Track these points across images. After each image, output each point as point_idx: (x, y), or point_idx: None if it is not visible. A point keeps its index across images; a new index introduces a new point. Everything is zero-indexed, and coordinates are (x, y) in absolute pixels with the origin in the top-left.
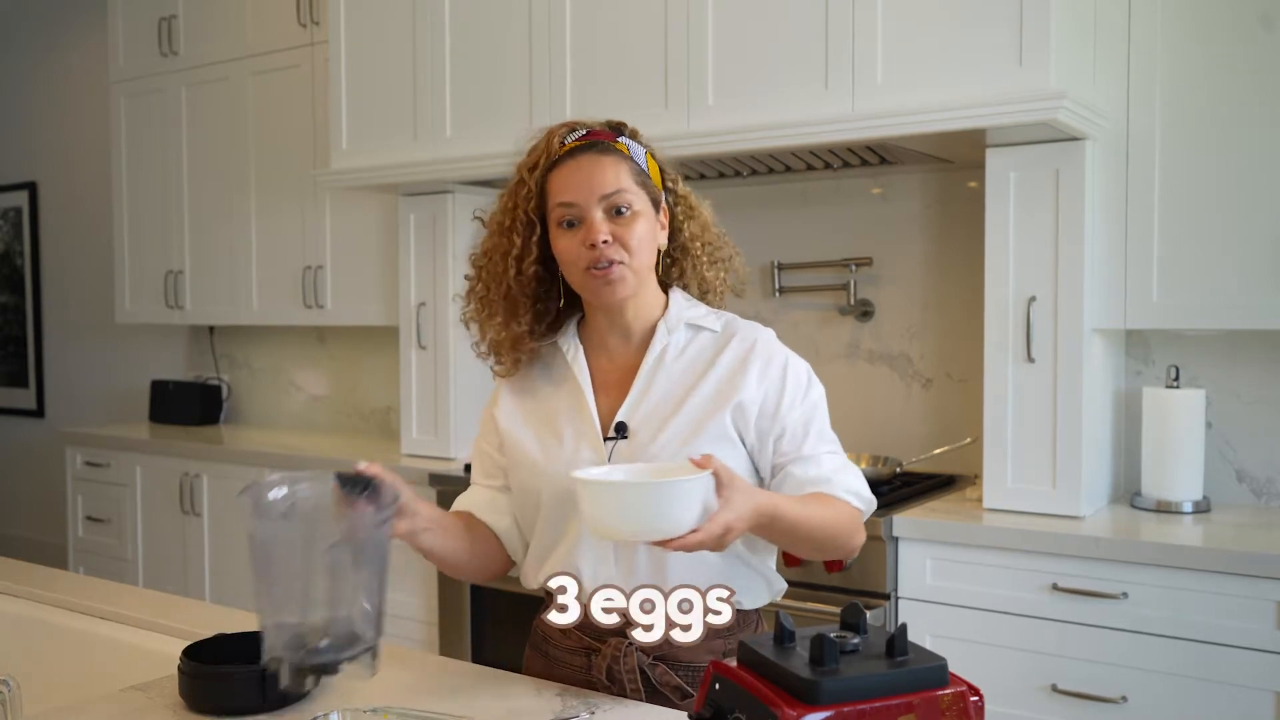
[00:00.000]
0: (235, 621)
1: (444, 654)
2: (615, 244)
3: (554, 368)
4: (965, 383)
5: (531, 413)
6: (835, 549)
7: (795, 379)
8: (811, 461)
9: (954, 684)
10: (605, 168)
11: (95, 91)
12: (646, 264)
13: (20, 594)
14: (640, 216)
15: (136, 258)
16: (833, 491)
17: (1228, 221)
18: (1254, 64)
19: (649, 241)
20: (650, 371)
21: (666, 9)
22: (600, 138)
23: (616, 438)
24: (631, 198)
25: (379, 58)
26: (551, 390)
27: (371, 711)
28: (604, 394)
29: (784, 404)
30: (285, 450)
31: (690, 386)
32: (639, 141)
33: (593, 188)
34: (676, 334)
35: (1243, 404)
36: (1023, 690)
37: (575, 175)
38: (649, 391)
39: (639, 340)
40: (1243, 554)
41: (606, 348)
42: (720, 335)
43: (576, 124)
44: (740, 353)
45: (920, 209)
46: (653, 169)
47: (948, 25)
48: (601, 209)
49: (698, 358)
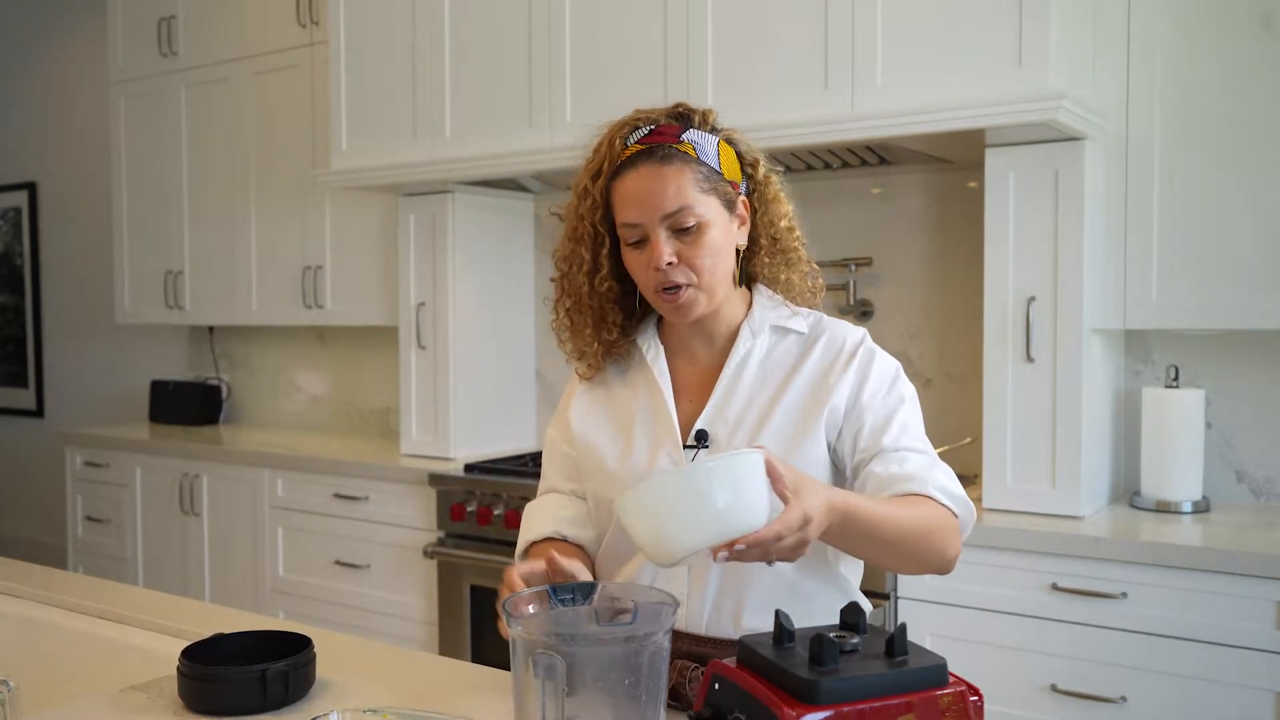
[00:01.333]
0: (235, 622)
1: (444, 654)
2: (681, 265)
3: (631, 368)
4: (965, 383)
5: (606, 416)
6: (926, 557)
7: (881, 372)
8: (894, 458)
9: (954, 684)
10: (666, 181)
11: (95, 91)
12: (722, 276)
13: (20, 594)
14: (708, 229)
15: (136, 258)
16: (921, 490)
17: (1227, 222)
18: (1254, 64)
19: (723, 252)
20: (733, 377)
21: (666, 9)
22: (662, 139)
23: (697, 446)
24: (698, 211)
25: (379, 58)
26: (628, 393)
27: (371, 712)
28: (684, 399)
29: (864, 395)
30: (285, 450)
31: (776, 393)
32: (710, 129)
33: (654, 206)
34: (761, 337)
35: (1243, 404)
36: (1022, 690)
37: (636, 190)
38: (732, 398)
39: (722, 343)
40: (1242, 554)
41: (688, 350)
42: (808, 337)
43: (640, 119)
44: (829, 354)
45: (920, 209)
46: (727, 161)
47: (947, 25)
48: (665, 228)
49: (783, 361)
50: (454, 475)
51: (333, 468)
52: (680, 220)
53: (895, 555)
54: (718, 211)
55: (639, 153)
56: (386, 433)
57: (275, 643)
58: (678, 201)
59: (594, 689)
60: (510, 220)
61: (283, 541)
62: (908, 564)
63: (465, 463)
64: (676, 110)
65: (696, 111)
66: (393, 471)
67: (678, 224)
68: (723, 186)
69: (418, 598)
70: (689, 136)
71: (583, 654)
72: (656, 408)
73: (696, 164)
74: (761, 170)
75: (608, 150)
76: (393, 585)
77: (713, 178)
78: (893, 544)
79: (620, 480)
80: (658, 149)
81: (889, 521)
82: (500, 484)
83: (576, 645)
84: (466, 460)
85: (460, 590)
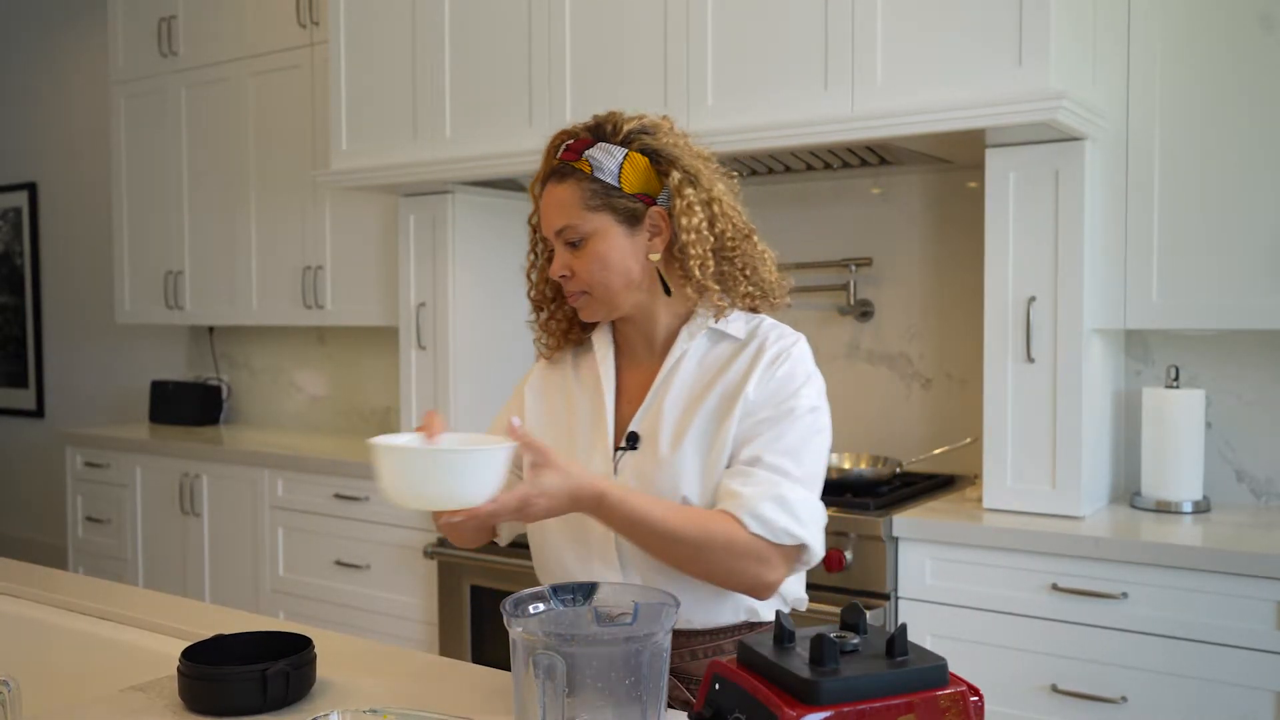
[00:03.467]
0: (235, 622)
1: (444, 654)
2: (574, 277)
3: (584, 365)
4: (965, 383)
5: (555, 411)
6: (715, 571)
7: (783, 383)
8: (741, 474)
9: (954, 684)
10: (557, 199)
11: (95, 91)
12: (617, 286)
13: (20, 594)
14: (594, 242)
15: (136, 258)
16: (733, 511)
17: (1227, 221)
18: (1253, 64)
19: (615, 265)
20: (665, 380)
21: (666, 9)
22: (569, 155)
23: (626, 448)
24: (583, 228)
25: (379, 58)
26: (578, 390)
27: (371, 712)
28: (625, 399)
29: (754, 404)
30: (285, 450)
31: (698, 397)
32: (624, 139)
33: (547, 222)
34: (697, 341)
35: (1243, 404)
36: (1023, 690)
37: (542, 206)
38: (663, 401)
39: (661, 347)
40: (1243, 554)
41: (634, 353)
42: (743, 342)
43: (568, 133)
44: (751, 357)
45: (920, 209)
46: (632, 173)
47: (947, 25)
48: (560, 242)
49: (714, 366)
50: None
51: (333, 468)
52: (567, 236)
53: (675, 558)
54: (609, 225)
55: (554, 168)
56: (386, 433)
57: (275, 643)
58: (563, 219)
59: (594, 689)
60: (510, 220)
61: (283, 542)
62: (699, 571)
63: None
64: (596, 122)
65: (613, 122)
66: None
67: (566, 239)
68: (619, 201)
69: (418, 598)
70: (591, 152)
71: (583, 654)
72: (597, 408)
73: (589, 181)
74: (674, 180)
75: (544, 160)
76: (393, 585)
77: (605, 193)
78: (666, 546)
79: None
80: (561, 167)
81: (650, 517)
82: None
83: (576, 645)
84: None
85: (460, 590)
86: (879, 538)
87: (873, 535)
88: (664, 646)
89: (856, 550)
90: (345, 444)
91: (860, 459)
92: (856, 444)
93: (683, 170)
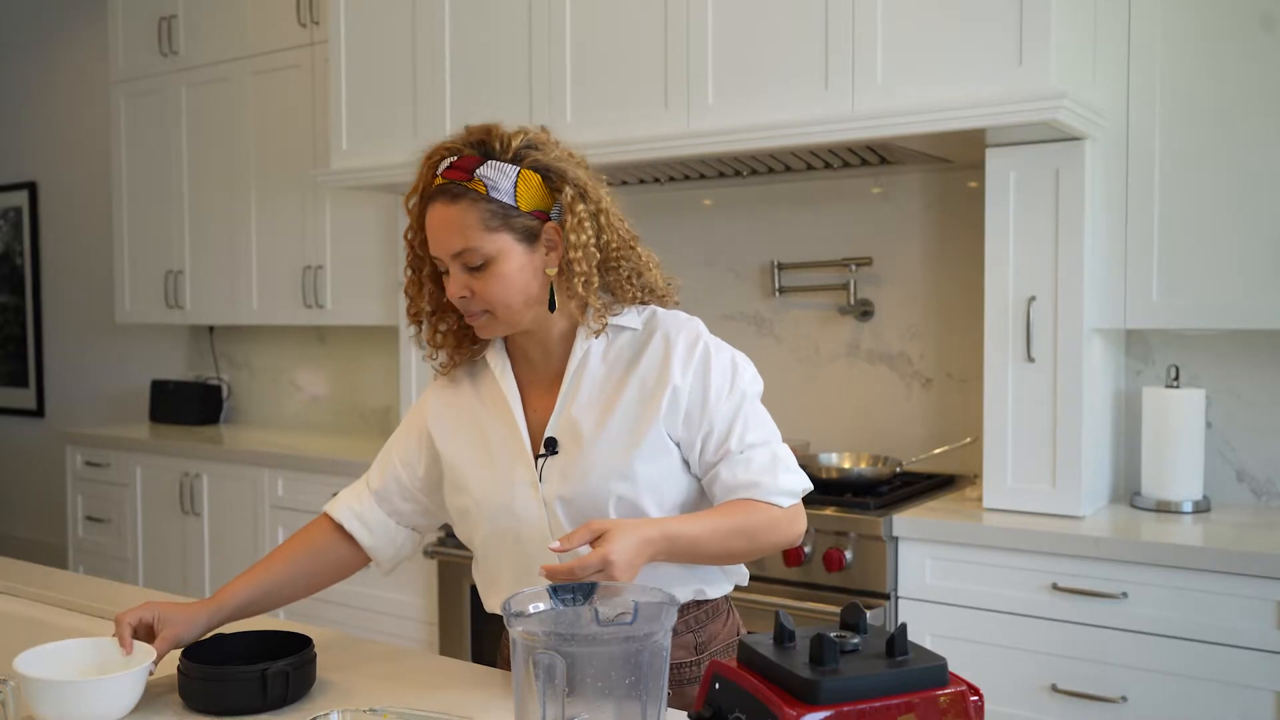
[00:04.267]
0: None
1: (444, 654)
2: (475, 297)
3: (482, 379)
4: (965, 383)
5: (463, 428)
6: (761, 550)
7: (720, 369)
8: (740, 462)
9: (954, 684)
10: (451, 221)
11: (95, 91)
12: (519, 304)
13: (20, 594)
14: (498, 263)
15: (136, 258)
16: (758, 496)
17: (1228, 221)
18: (1254, 64)
19: (517, 283)
20: (573, 381)
21: (666, 9)
22: (457, 174)
23: (547, 454)
24: (484, 250)
25: (379, 58)
26: (482, 409)
27: (371, 711)
28: (531, 406)
29: (710, 398)
30: (285, 450)
31: (616, 389)
32: (513, 157)
33: (443, 245)
34: (595, 339)
35: (1243, 404)
36: (1023, 690)
37: (431, 227)
38: (574, 401)
39: (559, 350)
40: (1243, 554)
41: (530, 361)
42: (641, 332)
43: (447, 148)
44: (663, 348)
45: (920, 209)
46: (526, 191)
47: (947, 25)
48: (457, 264)
49: (620, 358)
50: None
51: (333, 468)
52: (467, 259)
53: (731, 558)
54: (510, 245)
55: (439, 187)
56: (386, 433)
57: (275, 643)
58: (462, 242)
59: (594, 689)
60: None
61: (283, 541)
62: (746, 558)
63: None
64: (481, 138)
65: (500, 138)
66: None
67: (466, 262)
68: (517, 220)
69: (418, 598)
70: (482, 171)
71: (583, 654)
72: (506, 420)
73: (486, 201)
74: (567, 197)
75: (421, 176)
76: (393, 585)
77: (503, 213)
78: (725, 552)
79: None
80: (450, 186)
81: (714, 535)
82: None
83: (576, 645)
84: None
85: (460, 590)
86: (879, 537)
87: (873, 535)
88: (664, 646)
89: (856, 550)
90: (345, 444)
91: (860, 459)
92: (856, 444)
93: (573, 185)
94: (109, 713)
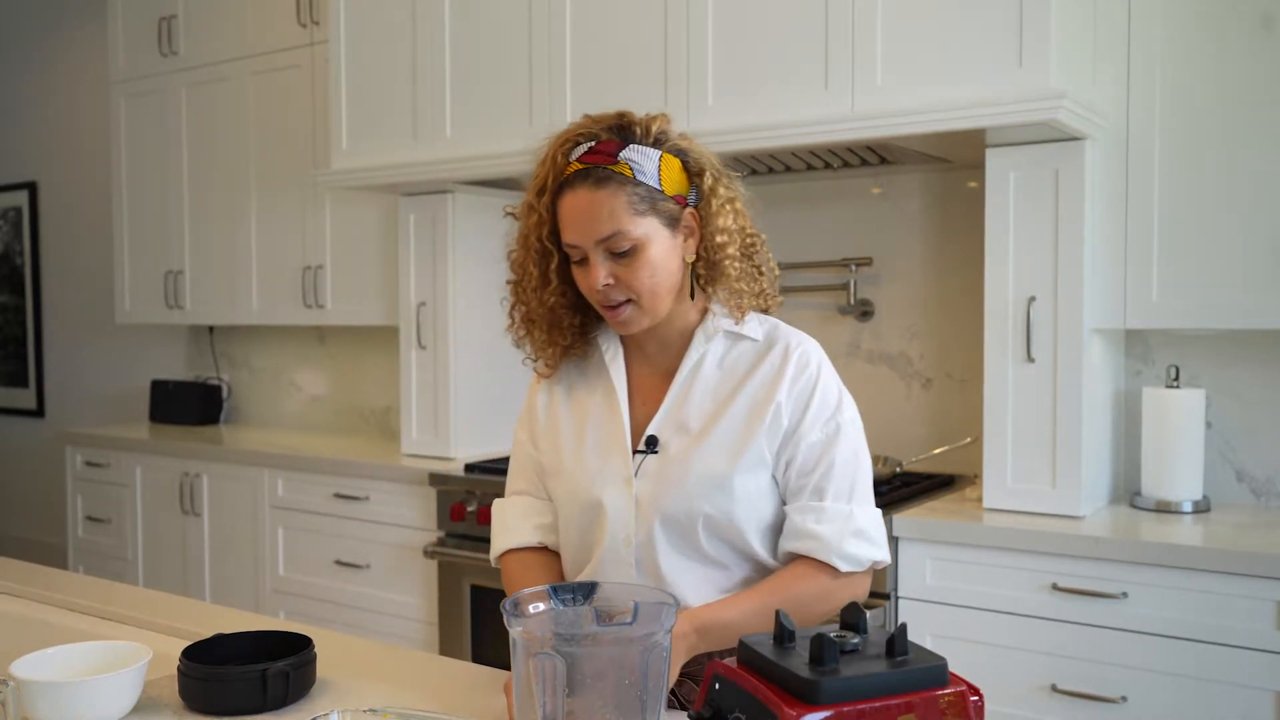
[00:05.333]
0: (235, 622)
1: (444, 654)
2: (619, 285)
3: (590, 366)
4: (965, 383)
5: (565, 413)
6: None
7: (823, 398)
8: (812, 510)
9: (954, 684)
10: (599, 205)
11: (95, 91)
12: (665, 292)
13: (20, 594)
14: (645, 249)
15: (136, 258)
16: (817, 554)
17: (1228, 221)
18: (1254, 64)
19: (664, 269)
20: (685, 382)
21: (666, 9)
22: (598, 159)
23: (646, 451)
24: (634, 234)
25: (379, 58)
26: (586, 392)
27: (371, 712)
28: (638, 402)
29: (804, 424)
30: (285, 450)
31: (726, 400)
32: (654, 141)
33: (588, 230)
34: (714, 342)
35: (1243, 404)
36: (1023, 690)
37: (573, 213)
38: (684, 404)
39: (676, 348)
40: (1243, 554)
41: (644, 354)
42: (761, 344)
43: (580, 134)
44: (777, 362)
45: (920, 209)
46: (669, 175)
47: (947, 25)
48: (601, 250)
49: (735, 368)
50: (454, 475)
51: (333, 468)
52: (615, 244)
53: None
54: (657, 230)
55: (577, 173)
56: (386, 433)
57: (275, 643)
58: (611, 226)
59: (594, 689)
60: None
61: (283, 541)
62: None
63: (465, 462)
64: (618, 122)
65: (639, 123)
66: (393, 471)
67: (613, 247)
68: (663, 204)
69: (418, 598)
70: (626, 155)
71: (583, 654)
72: (611, 410)
73: (633, 185)
74: (708, 181)
75: (550, 166)
76: (393, 585)
77: (650, 197)
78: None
79: (573, 483)
80: (593, 170)
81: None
82: (500, 484)
83: (576, 645)
84: (467, 460)
85: (460, 590)
86: None
87: None
88: (664, 646)
89: None
90: (345, 444)
91: None
92: None
93: (712, 171)
94: (108, 713)
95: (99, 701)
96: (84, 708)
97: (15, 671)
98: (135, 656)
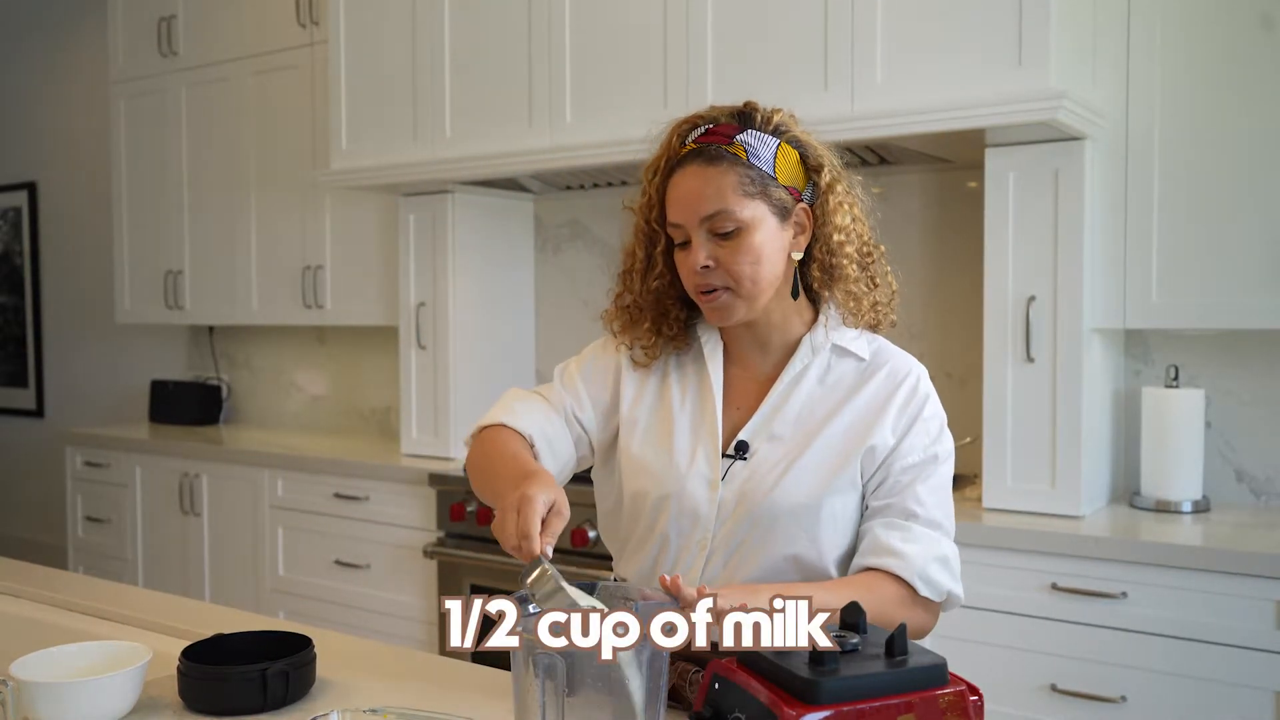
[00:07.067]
0: (235, 622)
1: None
2: (719, 269)
3: (687, 360)
4: (965, 383)
5: (654, 403)
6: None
7: (926, 425)
8: (899, 528)
9: (954, 683)
10: (708, 182)
11: (95, 91)
12: (765, 283)
13: (20, 594)
14: (750, 233)
15: (136, 258)
16: (896, 570)
17: (1227, 221)
18: (1254, 64)
19: (767, 259)
20: (785, 391)
21: (666, 9)
22: (715, 139)
23: (735, 456)
24: (740, 215)
25: (379, 58)
26: (678, 384)
27: (371, 711)
28: (732, 404)
29: (903, 446)
30: (285, 450)
31: (824, 419)
32: (774, 131)
33: (693, 207)
34: (821, 355)
35: (1243, 404)
36: (1022, 690)
37: (681, 191)
38: (780, 413)
39: (777, 355)
40: (1242, 554)
41: (743, 355)
42: (868, 365)
43: (702, 117)
44: (886, 389)
45: (920, 209)
46: (786, 165)
47: (947, 25)
48: (704, 230)
49: (838, 386)
50: (454, 475)
51: (333, 468)
52: (719, 224)
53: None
54: (765, 216)
55: (691, 152)
56: (386, 433)
57: (275, 643)
58: (717, 204)
59: (594, 689)
60: (510, 220)
61: (283, 541)
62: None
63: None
64: (741, 109)
65: (760, 111)
66: (393, 471)
67: (717, 227)
68: (775, 191)
69: (418, 598)
70: (744, 138)
71: (583, 654)
72: (704, 408)
73: (745, 166)
74: (826, 177)
75: (665, 147)
76: (393, 585)
77: (762, 181)
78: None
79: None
80: (707, 149)
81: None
82: None
83: None
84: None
85: (460, 590)
86: None
87: None
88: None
89: None
90: (345, 444)
91: None
92: None
93: (831, 169)
94: (108, 713)
95: (99, 701)
96: (84, 708)
97: (15, 671)
98: (135, 656)
